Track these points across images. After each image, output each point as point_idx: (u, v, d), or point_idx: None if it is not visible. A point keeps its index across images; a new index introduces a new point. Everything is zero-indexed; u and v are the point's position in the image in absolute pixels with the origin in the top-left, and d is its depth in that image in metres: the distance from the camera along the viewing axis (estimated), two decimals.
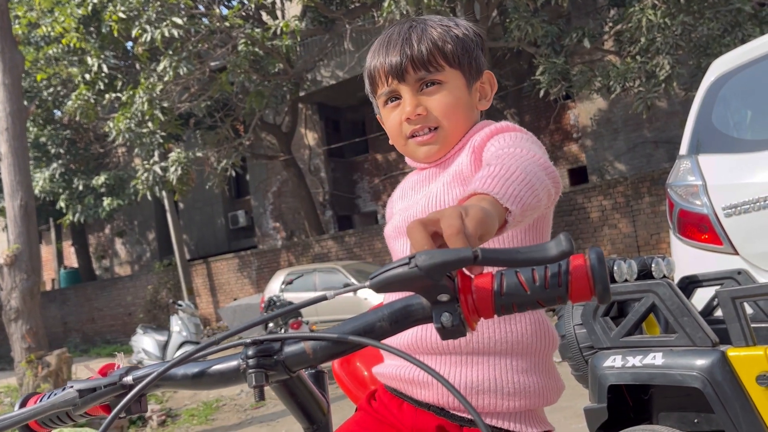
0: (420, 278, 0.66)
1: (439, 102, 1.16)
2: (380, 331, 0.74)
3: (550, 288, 0.66)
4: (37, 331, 7.50)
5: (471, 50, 1.20)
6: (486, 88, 1.24)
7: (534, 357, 1.09)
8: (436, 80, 1.16)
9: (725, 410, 1.61)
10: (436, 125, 1.17)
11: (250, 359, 0.75)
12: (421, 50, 1.15)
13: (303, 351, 0.76)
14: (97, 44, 11.51)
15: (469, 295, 0.69)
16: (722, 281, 2.12)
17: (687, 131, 3.25)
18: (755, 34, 7.83)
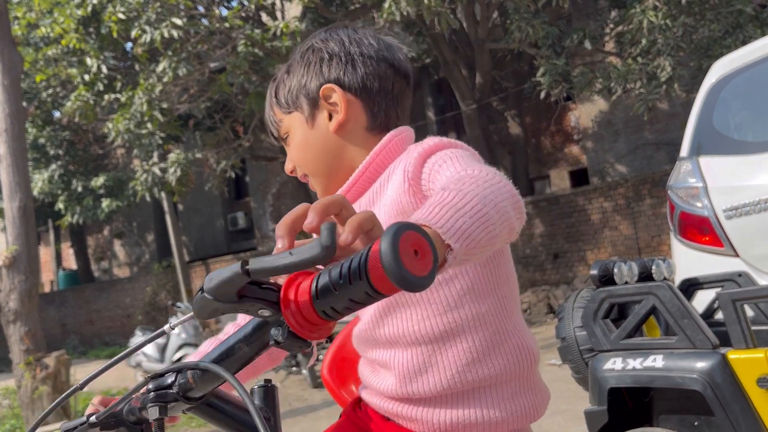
0: (215, 302, 0.63)
1: (293, 153, 1.16)
2: (241, 354, 0.73)
3: (354, 283, 0.59)
4: (35, 333, 7.49)
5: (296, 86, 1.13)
6: (332, 101, 1.11)
7: (519, 380, 1.07)
8: (284, 135, 1.17)
9: (725, 413, 1.60)
10: (303, 172, 1.17)
11: (150, 393, 0.77)
12: (268, 113, 1.18)
13: (187, 381, 0.77)
14: (97, 45, 11.50)
15: (291, 304, 0.64)
16: (723, 283, 2.11)
17: (688, 133, 3.24)
18: (756, 35, 7.83)
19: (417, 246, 0.59)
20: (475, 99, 11.17)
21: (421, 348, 1.04)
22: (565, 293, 10.22)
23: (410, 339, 1.04)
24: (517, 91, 12.79)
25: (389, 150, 1.09)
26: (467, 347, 1.03)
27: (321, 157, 1.13)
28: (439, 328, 1.03)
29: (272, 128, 1.19)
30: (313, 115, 1.12)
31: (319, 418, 5.95)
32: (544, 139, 14.49)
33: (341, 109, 1.10)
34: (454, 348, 1.03)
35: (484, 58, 10.92)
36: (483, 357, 1.03)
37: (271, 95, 1.18)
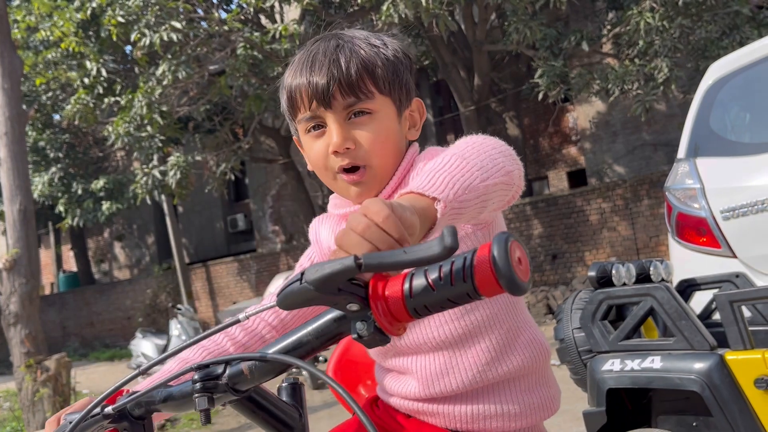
0: (314, 293, 0.64)
1: (368, 135, 1.03)
2: (308, 347, 0.74)
3: (456, 284, 0.63)
4: (36, 336, 7.49)
5: (401, 74, 1.08)
6: (415, 117, 1.12)
7: (534, 375, 1.11)
8: (366, 109, 1.03)
9: (723, 413, 1.61)
10: (365, 163, 1.04)
11: (197, 383, 0.77)
12: (350, 73, 1.01)
13: (242, 372, 0.77)
14: (96, 48, 11.51)
15: (380, 301, 0.66)
16: (720, 284, 2.13)
17: (685, 134, 3.25)
18: (753, 37, 7.85)
19: (520, 254, 0.64)
20: (474, 100, 11.18)
21: (441, 353, 1.07)
22: (564, 294, 10.23)
23: (430, 345, 1.07)
24: (515, 92, 12.80)
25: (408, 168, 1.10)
26: (485, 347, 1.06)
27: (395, 156, 1.08)
28: (457, 332, 1.06)
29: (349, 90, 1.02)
30: (401, 113, 1.10)
31: (320, 419, 5.96)
32: (543, 140, 14.50)
33: (419, 125, 1.13)
34: (473, 349, 1.06)
35: (483, 59, 10.94)
36: (500, 355, 1.07)
37: (365, 60, 1.04)
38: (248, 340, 1.14)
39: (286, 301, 0.67)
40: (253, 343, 1.14)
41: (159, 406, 0.85)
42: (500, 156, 0.89)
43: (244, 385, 0.78)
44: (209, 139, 12.55)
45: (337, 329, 0.72)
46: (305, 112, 1.05)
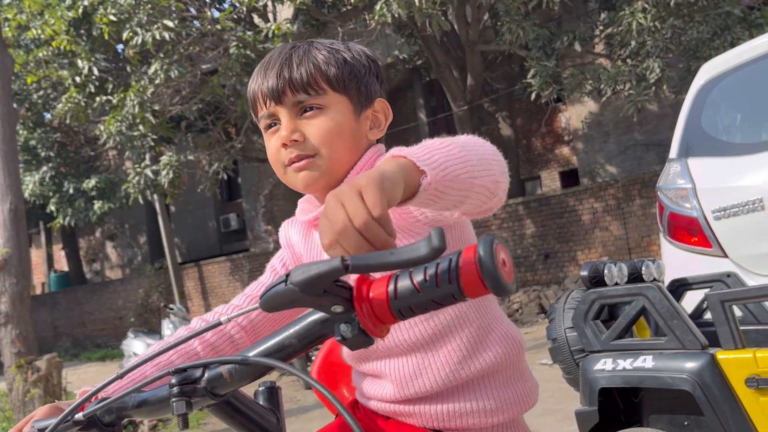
0: (299, 294, 0.64)
1: (318, 128, 1.07)
2: (290, 350, 0.73)
3: (442, 286, 0.63)
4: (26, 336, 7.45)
5: (360, 75, 1.12)
6: (379, 117, 1.15)
7: (509, 369, 1.12)
8: (316, 105, 1.08)
9: (715, 413, 1.62)
10: (313, 153, 1.07)
11: (174, 387, 0.76)
12: (300, 72, 1.07)
13: (221, 375, 0.76)
14: (88, 47, 11.46)
15: (364, 302, 0.66)
16: (712, 284, 2.13)
17: (677, 134, 3.27)
18: (744, 37, 7.89)
19: (504, 256, 0.64)
20: (467, 100, 11.20)
21: (414, 354, 1.08)
22: (556, 293, 10.26)
23: (402, 348, 1.08)
24: (508, 92, 12.83)
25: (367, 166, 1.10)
26: (456, 346, 1.07)
27: (349, 151, 1.10)
28: (427, 333, 1.07)
29: (298, 87, 1.07)
30: (359, 111, 1.12)
31: (312, 419, 5.96)
32: (535, 140, 14.54)
33: (383, 125, 1.15)
34: (444, 349, 1.07)
35: (475, 59, 10.95)
36: (472, 353, 1.07)
37: (319, 60, 1.09)
38: (217, 341, 1.15)
39: (269, 302, 0.67)
40: (221, 344, 1.15)
41: (132, 411, 0.83)
42: (495, 164, 0.91)
43: (223, 389, 0.77)
44: (202, 139, 12.52)
45: (320, 331, 0.71)
46: (263, 110, 1.11)
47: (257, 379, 0.77)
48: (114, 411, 0.84)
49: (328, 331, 0.70)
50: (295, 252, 1.21)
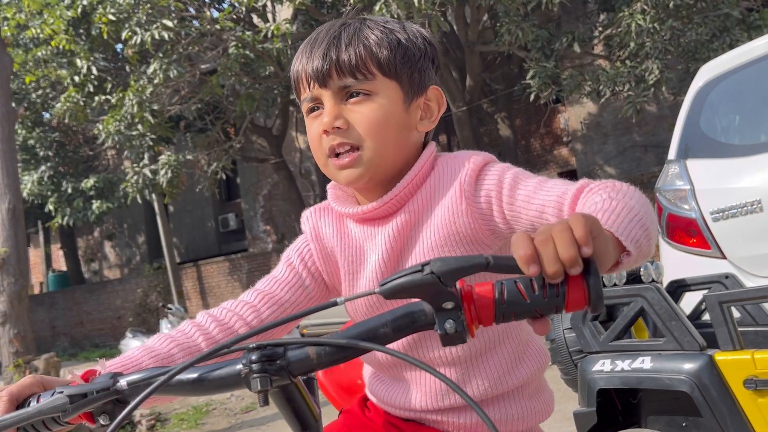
0: (433, 284, 0.68)
1: (364, 116, 0.99)
2: (383, 337, 0.75)
3: (549, 298, 0.69)
4: (25, 336, 7.45)
5: (414, 60, 1.03)
6: (432, 107, 1.06)
7: (536, 381, 1.12)
8: (363, 90, 0.99)
9: (713, 414, 1.62)
10: (357, 144, 0.99)
11: (254, 364, 0.74)
12: (349, 53, 0.98)
13: (307, 356, 0.76)
14: (87, 46, 11.44)
15: (471, 303, 0.71)
16: (710, 285, 2.14)
17: (675, 136, 3.27)
18: (743, 39, 7.89)
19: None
20: (466, 101, 11.20)
21: (454, 367, 1.05)
22: None
23: (445, 360, 1.05)
24: (507, 93, 12.83)
25: (427, 165, 1.05)
26: (498, 361, 1.06)
27: (396, 144, 1.02)
28: (475, 348, 1.05)
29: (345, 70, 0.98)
30: (410, 100, 1.03)
31: None
32: (534, 141, 14.54)
33: (436, 117, 1.07)
34: (487, 363, 1.06)
35: (475, 60, 10.95)
36: (512, 368, 1.07)
37: (370, 41, 1.00)
38: (222, 337, 1.07)
39: (395, 288, 0.70)
40: (224, 338, 1.06)
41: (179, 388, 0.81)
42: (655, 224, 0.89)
43: (303, 371, 0.76)
44: (200, 139, 12.51)
45: (418, 323, 0.74)
46: (306, 93, 1.03)
47: (340, 362, 0.77)
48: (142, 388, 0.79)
49: (427, 324, 0.73)
50: (325, 246, 1.11)
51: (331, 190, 1.11)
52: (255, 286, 1.13)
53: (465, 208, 0.99)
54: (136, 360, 1.00)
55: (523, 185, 0.97)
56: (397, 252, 1.04)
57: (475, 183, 1.00)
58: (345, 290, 1.11)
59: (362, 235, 1.07)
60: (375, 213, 1.05)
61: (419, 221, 1.03)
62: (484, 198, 0.99)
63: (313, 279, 1.11)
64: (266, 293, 1.10)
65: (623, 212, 0.81)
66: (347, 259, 1.08)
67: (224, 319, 1.07)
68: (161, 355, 1.01)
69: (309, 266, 1.11)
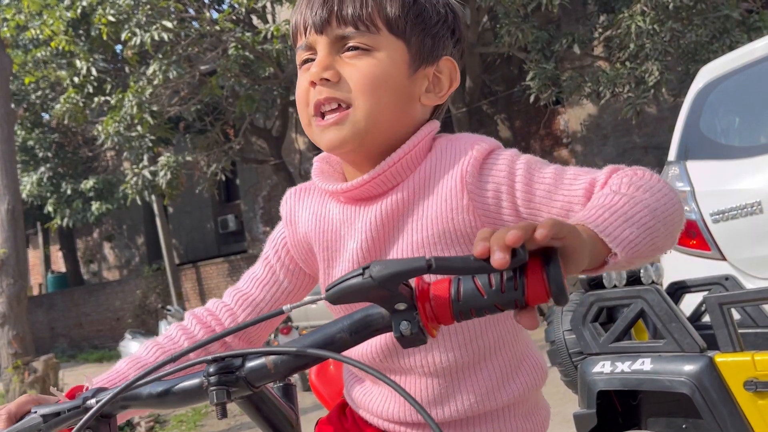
0: (374, 288, 0.66)
1: (358, 70, 0.87)
2: (341, 343, 0.73)
3: (507, 291, 0.65)
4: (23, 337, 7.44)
5: (429, 23, 0.91)
6: (442, 80, 0.95)
7: (531, 400, 1.02)
8: (363, 44, 0.87)
9: (713, 416, 1.62)
10: (346, 101, 0.88)
11: (212, 376, 0.74)
12: (354, 1, 0.88)
13: (264, 366, 0.75)
14: (86, 47, 11.45)
15: (426, 302, 0.68)
16: (710, 287, 2.13)
17: (675, 137, 3.27)
18: (743, 40, 7.90)
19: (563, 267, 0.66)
20: (466, 102, 11.20)
21: (439, 378, 0.95)
22: None
23: (428, 370, 0.94)
24: (507, 94, 12.83)
25: (420, 147, 0.93)
26: (488, 375, 0.96)
27: (392, 110, 0.90)
28: (463, 359, 0.94)
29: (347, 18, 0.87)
30: (416, 65, 0.91)
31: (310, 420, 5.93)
32: (534, 142, 14.54)
33: (445, 92, 0.96)
34: (475, 377, 0.95)
35: (475, 62, 10.95)
36: (502, 383, 0.96)
37: None
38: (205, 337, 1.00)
39: (338, 294, 0.68)
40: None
41: (149, 401, 0.81)
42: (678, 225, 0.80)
43: (263, 380, 0.76)
44: (200, 140, 12.51)
45: (375, 327, 0.72)
46: (301, 40, 0.92)
47: (300, 371, 0.76)
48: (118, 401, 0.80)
49: (384, 327, 0.71)
50: (298, 231, 1.01)
51: (316, 163, 1.01)
52: (237, 283, 1.08)
53: (466, 204, 0.89)
54: (122, 373, 0.98)
55: (540, 177, 0.88)
56: (380, 243, 0.93)
57: (480, 174, 0.89)
58: (322, 280, 1.02)
59: (341, 218, 0.95)
60: (358, 192, 0.92)
61: (409, 210, 0.92)
62: (491, 193, 0.88)
63: (288, 272, 1.04)
64: (243, 293, 1.05)
65: (621, 210, 0.74)
66: (322, 245, 0.98)
67: (206, 322, 1.05)
68: (148, 365, 0.95)
69: (282, 259, 1.04)
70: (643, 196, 0.78)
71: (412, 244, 0.91)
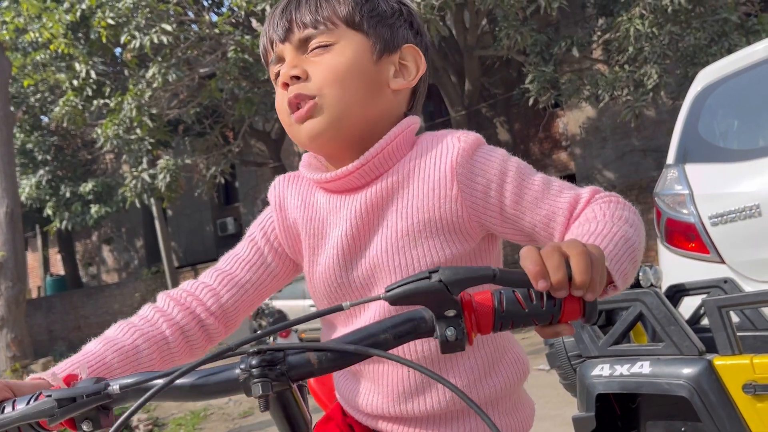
0: (439, 292, 0.69)
1: (323, 64, 0.93)
2: (384, 344, 0.74)
3: (546, 308, 0.70)
4: (22, 340, 7.43)
5: (384, 16, 0.97)
6: (409, 67, 0.98)
7: (513, 396, 1.03)
8: (325, 42, 0.93)
9: (712, 419, 1.62)
10: (315, 94, 0.92)
11: (254, 369, 0.73)
12: (309, 6, 0.94)
13: (308, 361, 0.74)
14: (86, 50, 11.45)
15: (472, 311, 0.72)
16: (709, 290, 2.13)
17: (674, 140, 3.27)
18: (741, 44, 7.91)
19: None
20: (464, 105, 11.21)
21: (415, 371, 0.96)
22: None
23: (408, 358, 0.94)
24: (505, 97, 12.84)
25: (402, 139, 0.96)
26: (469, 367, 0.97)
27: (362, 97, 0.94)
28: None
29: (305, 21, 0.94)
30: (380, 56, 0.96)
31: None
32: (533, 145, 14.55)
33: (414, 76, 0.99)
34: (456, 369, 0.96)
35: (473, 64, 10.96)
36: (484, 376, 0.97)
37: None
38: (186, 323, 0.99)
39: (401, 295, 0.70)
40: (189, 325, 0.99)
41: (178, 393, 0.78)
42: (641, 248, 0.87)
43: (302, 376, 0.75)
44: (199, 143, 12.51)
45: (417, 331, 0.74)
46: (271, 55, 0.99)
47: (341, 369, 0.77)
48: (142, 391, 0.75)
49: (426, 332, 0.73)
50: (287, 217, 1.03)
51: (305, 158, 1.05)
52: (217, 264, 1.06)
53: (455, 194, 0.91)
54: (99, 355, 0.94)
55: (530, 182, 0.92)
56: (364, 230, 0.95)
57: (471, 165, 0.92)
58: (306, 266, 1.02)
59: (327, 206, 0.98)
60: (345, 182, 0.95)
61: (393, 199, 0.94)
62: (481, 187, 0.92)
63: (277, 255, 1.04)
64: (226, 273, 1.03)
65: (620, 242, 0.81)
66: (308, 232, 1.00)
67: (185, 303, 1.01)
68: (126, 348, 0.94)
69: (272, 241, 1.04)
70: (630, 230, 0.84)
71: (397, 232, 0.93)
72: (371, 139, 0.95)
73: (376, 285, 0.95)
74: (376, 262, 0.94)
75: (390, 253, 0.93)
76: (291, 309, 9.78)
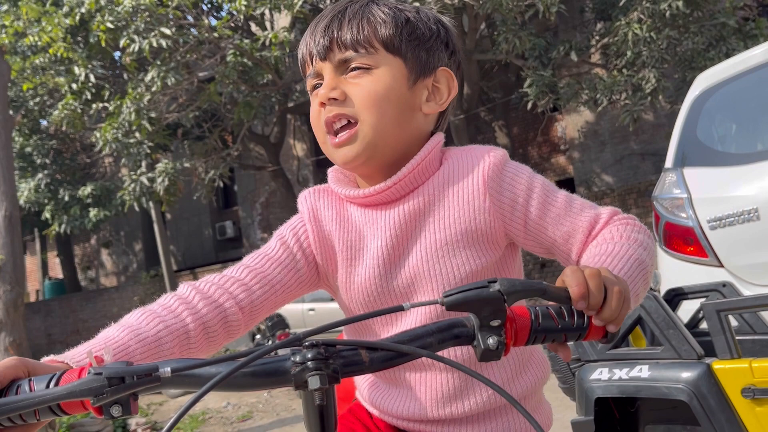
0: (496, 301, 0.74)
1: (362, 88, 0.95)
2: (429, 347, 0.77)
3: (576, 325, 0.78)
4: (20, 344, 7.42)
5: (423, 39, 0.99)
6: (441, 89, 1.02)
7: (537, 394, 1.10)
8: (364, 64, 0.96)
9: (711, 423, 1.62)
10: (354, 117, 0.96)
11: (310, 362, 0.72)
12: (351, 27, 0.96)
13: (360, 359, 0.75)
14: (85, 54, 11.46)
15: (513, 323, 0.77)
16: (707, 294, 2.13)
17: (672, 144, 3.28)
18: (739, 48, 7.93)
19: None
20: (463, 109, 11.23)
21: (455, 374, 1.00)
22: None
23: (443, 366, 0.99)
24: (504, 101, 12.86)
25: (432, 156, 1.00)
26: (503, 368, 1.03)
27: (397, 122, 0.97)
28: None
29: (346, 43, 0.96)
30: (414, 79, 0.99)
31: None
32: (532, 149, 14.57)
33: (445, 100, 1.02)
34: (491, 370, 1.02)
35: (472, 69, 10.98)
36: (516, 376, 1.04)
37: (375, 16, 0.98)
38: (211, 318, 0.97)
39: (459, 301, 0.74)
40: (213, 320, 0.96)
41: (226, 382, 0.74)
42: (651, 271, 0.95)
43: (352, 372, 0.75)
44: (198, 146, 12.51)
45: (456, 337, 0.77)
46: (309, 69, 1.01)
47: (389, 368, 0.77)
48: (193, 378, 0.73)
49: (466, 339, 0.77)
50: (322, 229, 1.03)
51: (331, 173, 1.07)
52: (242, 261, 1.04)
53: (488, 206, 0.97)
54: (123, 343, 0.91)
55: (553, 200, 0.98)
56: (403, 240, 0.99)
57: (500, 179, 0.98)
58: (341, 277, 1.03)
59: (363, 219, 1.01)
60: (379, 197, 1.00)
61: (430, 211, 0.99)
62: (508, 201, 0.98)
63: (307, 261, 1.03)
64: (257, 270, 1.01)
65: (634, 265, 0.88)
66: (346, 244, 1.02)
67: (212, 295, 0.98)
68: (149, 339, 0.92)
69: (304, 247, 1.03)
70: (644, 253, 0.92)
71: (436, 242, 0.98)
72: (403, 158, 1.00)
73: (416, 292, 1.00)
74: (417, 270, 0.98)
75: (430, 262, 0.98)
76: (288, 312, 9.78)
